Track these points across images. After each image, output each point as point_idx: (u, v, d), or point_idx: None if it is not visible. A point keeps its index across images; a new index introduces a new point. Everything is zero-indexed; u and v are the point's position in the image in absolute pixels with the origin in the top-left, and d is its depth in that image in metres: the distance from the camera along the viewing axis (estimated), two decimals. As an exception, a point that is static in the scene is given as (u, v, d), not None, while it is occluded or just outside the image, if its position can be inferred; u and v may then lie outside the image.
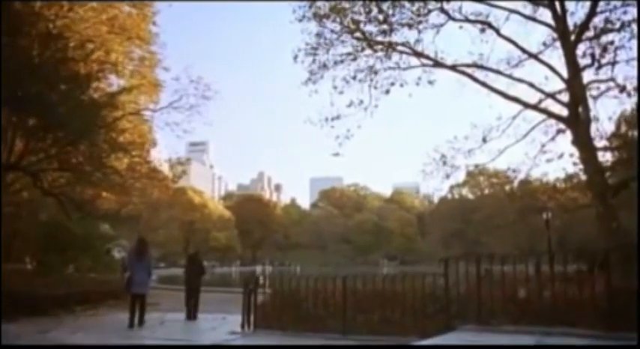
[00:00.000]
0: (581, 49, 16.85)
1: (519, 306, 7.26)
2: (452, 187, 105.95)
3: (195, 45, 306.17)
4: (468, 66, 17.89)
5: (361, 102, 16.81)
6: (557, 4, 16.83)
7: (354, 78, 16.98)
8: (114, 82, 26.17)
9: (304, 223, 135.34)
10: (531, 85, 17.34)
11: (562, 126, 18.02)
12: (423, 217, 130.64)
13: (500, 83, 17.97)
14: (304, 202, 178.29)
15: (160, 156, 27.86)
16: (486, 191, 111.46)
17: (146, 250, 12.55)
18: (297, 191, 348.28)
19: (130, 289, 11.89)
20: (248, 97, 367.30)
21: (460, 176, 22.56)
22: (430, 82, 17.20)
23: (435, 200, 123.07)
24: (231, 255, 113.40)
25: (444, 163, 22.39)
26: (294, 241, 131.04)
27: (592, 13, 16.47)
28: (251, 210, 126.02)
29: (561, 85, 17.27)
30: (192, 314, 13.53)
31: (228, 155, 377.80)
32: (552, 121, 18.68)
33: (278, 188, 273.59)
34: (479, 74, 18.02)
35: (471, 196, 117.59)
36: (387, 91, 17.18)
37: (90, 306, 16.73)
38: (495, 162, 23.66)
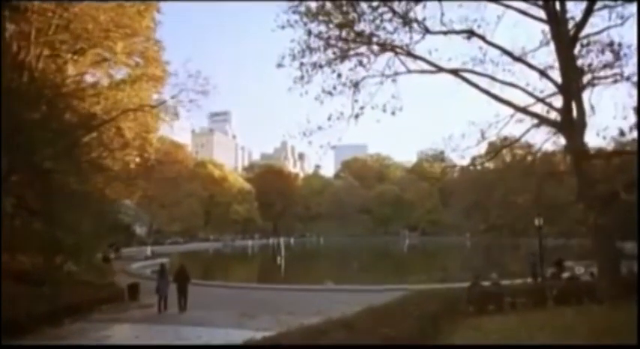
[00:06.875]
0: (576, 52, 16.05)
1: None
2: (474, 158, 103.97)
3: (215, 22, 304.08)
4: (462, 70, 17.19)
5: (341, 114, 16.33)
6: (555, 4, 16.00)
7: (335, 88, 16.44)
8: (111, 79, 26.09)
9: (325, 194, 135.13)
10: (524, 90, 16.64)
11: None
12: (444, 187, 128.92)
13: (495, 86, 17.29)
14: (329, 171, 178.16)
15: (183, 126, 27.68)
16: (508, 159, 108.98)
17: (165, 273, 20.17)
18: (321, 159, 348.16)
19: (158, 292, 19.22)
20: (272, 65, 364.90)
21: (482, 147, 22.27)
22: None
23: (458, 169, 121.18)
24: (252, 227, 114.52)
25: (442, 160, 22.04)
26: (315, 212, 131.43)
27: (589, 11, 15.58)
28: (271, 182, 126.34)
29: (555, 89, 16.54)
30: (182, 308, 19.10)
31: (251, 124, 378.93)
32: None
33: (302, 157, 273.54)
34: (473, 76, 17.35)
35: (492, 166, 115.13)
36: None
37: (80, 317, 16.54)
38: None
